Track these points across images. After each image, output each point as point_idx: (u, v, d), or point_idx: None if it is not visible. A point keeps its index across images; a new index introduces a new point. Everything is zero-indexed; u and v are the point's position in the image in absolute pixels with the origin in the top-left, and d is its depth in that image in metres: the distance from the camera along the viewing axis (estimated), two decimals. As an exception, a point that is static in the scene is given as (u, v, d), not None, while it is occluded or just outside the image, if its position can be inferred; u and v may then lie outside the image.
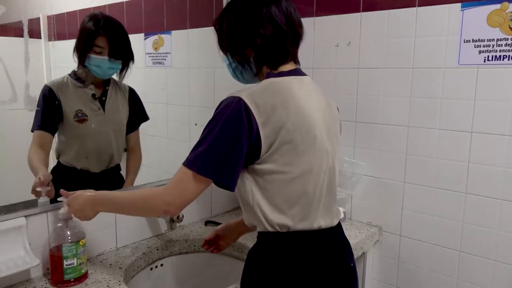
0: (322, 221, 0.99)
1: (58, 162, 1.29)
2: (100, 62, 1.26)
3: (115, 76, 1.36)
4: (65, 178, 1.27)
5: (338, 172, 1.06)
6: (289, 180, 0.93)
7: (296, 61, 1.05)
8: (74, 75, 1.27)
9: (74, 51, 1.27)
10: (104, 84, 1.34)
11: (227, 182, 0.91)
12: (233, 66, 1.05)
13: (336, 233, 1.03)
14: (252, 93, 0.91)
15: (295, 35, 1.02)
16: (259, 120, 0.89)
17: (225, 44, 1.03)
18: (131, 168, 1.47)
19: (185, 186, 0.91)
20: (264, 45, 0.98)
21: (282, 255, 0.96)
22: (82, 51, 1.26)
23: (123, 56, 1.32)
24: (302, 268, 0.95)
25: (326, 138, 0.98)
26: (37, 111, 1.20)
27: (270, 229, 0.96)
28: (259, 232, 1.00)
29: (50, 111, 1.22)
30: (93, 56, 1.25)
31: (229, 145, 0.88)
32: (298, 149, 0.92)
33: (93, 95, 1.30)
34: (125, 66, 1.35)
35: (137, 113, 1.44)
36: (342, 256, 1.01)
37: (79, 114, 1.26)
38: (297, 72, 1.02)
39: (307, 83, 1.02)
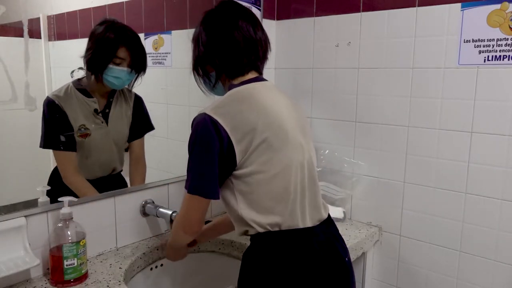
0: (311, 215, 1.02)
1: (56, 170, 1.26)
2: (119, 73, 1.24)
3: None
4: (64, 186, 1.25)
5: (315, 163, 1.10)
6: (270, 178, 0.96)
7: (258, 71, 1.10)
8: (78, 84, 1.23)
9: (88, 60, 1.22)
10: (108, 96, 1.31)
11: (212, 195, 0.98)
12: (197, 81, 1.13)
13: (328, 228, 1.06)
14: (216, 106, 0.97)
15: (254, 51, 1.06)
16: (227, 127, 0.93)
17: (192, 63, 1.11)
18: (137, 177, 1.43)
19: (187, 208, 1.03)
20: (222, 63, 1.05)
21: (275, 255, 0.97)
22: (101, 62, 1.22)
23: (142, 67, 1.31)
24: (296, 266, 0.96)
25: (299, 132, 1.03)
26: (47, 127, 1.17)
27: (261, 230, 0.98)
28: (251, 235, 1.01)
29: (63, 126, 1.20)
30: (113, 67, 1.23)
31: (206, 162, 0.95)
32: (273, 146, 0.96)
33: (96, 110, 1.26)
34: (138, 76, 1.33)
35: (141, 122, 1.41)
36: (336, 252, 1.03)
37: (82, 129, 1.23)
38: (258, 79, 1.07)
39: (269, 86, 1.07)
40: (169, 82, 1.60)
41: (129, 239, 1.37)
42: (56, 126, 1.19)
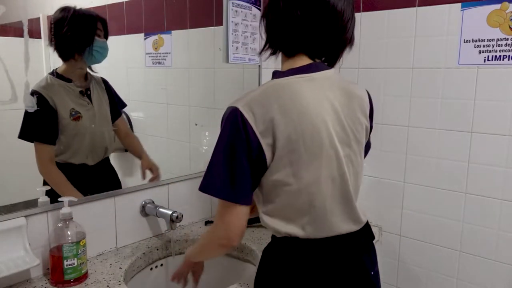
0: (338, 229, 0.93)
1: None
2: (103, 44, 1.29)
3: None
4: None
5: (358, 175, 0.97)
6: (295, 192, 0.88)
7: (315, 56, 0.93)
8: (55, 73, 1.24)
9: (68, 41, 1.23)
10: (85, 79, 1.33)
11: (244, 201, 0.88)
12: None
13: (358, 238, 0.96)
14: (249, 101, 0.86)
15: (313, 24, 0.89)
16: (257, 130, 0.84)
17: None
18: (137, 148, 1.48)
19: (221, 215, 0.91)
20: (269, 30, 0.94)
21: (294, 259, 0.92)
22: (86, 36, 1.25)
23: (107, 37, 1.34)
24: (314, 275, 0.90)
25: (339, 143, 0.90)
26: (30, 117, 1.16)
27: (279, 235, 0.94)
28: (272, 235, 0.97)
29: (48, 121, 1.21)
30: (98, 39, 1.27)
31: (236, 163, 0.86)
32: (302, 159, 0.86)
33: (81, 92, 1.29)
34: None
35: (115, 101, 1.43)
36: (361, 264, 0.95)
37: (73, 113, 1.26)
38: (310, 69, 0.91)
39: (320, 81, 0.91)
40: (169, 82, 1.59)
41: (129, 239, 1.37)
42: (38, 118, 1.18)
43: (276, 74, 0.93)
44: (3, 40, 1.12)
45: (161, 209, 1.35)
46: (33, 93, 1.16)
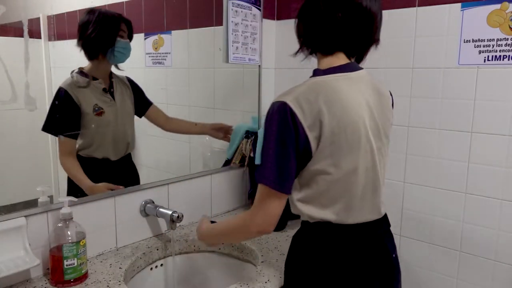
0: (366, 216, 1.01)
1: (78, 156, 1.33)
2: (126, 45, 1.36)
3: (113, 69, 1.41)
4: (85, 169, 1.32)
5: (385, 166, 1.06)
6: (333, 180, 0.95)
7: (350, 55, 1.02)
8: (81, 73, 1.31)
9: (93, 41, 1.30)
10: (109, 77, 1.39)
11: (288, 191, 0.95)
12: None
13: (381, 225, 1.05)
14: (297, 96, 0.92)
15: (352, 25, 0.96)
16: (305, 123, 0.90)
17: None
18: (186, 124, 1.61)
19: (264, 202, 0.95)
20: (306, 31, 1.00)
21: (327, 243, 0.99)
22: (109, 36, 1.32)
23: (132, 38, 1.41)
24: (344, 257, 0.98)
25: (372, 136, 0.98)
26: (54, 112, 1.22)
27: (311, 221, 0.99)
28: (302, 220, 1.03)
29: (70, 117, 1.28)
30: (120, 40, 1.33)
31: (283, 153, 0.91)
32: (343, 150, 0.93)
33: (104, 89, 1.36)
34: None
35: (142, 97, 1.50)
36: (385, 248, 1.04)
37: (96, 108, 1.32)
38: (348, 68, 0.99)
39: (356, 80, 0.99)
40: (169, 82, 1.60)
41: (129, 239, 1.37)
42: (62, 114, 1.24)
43: (317, 72, 1.00)
44: (3, 40, 1.12)
45: (161, 209, 1.35)
46: (60, 90, 1.23)
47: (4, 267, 1.03)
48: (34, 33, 1.15)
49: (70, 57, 1.29)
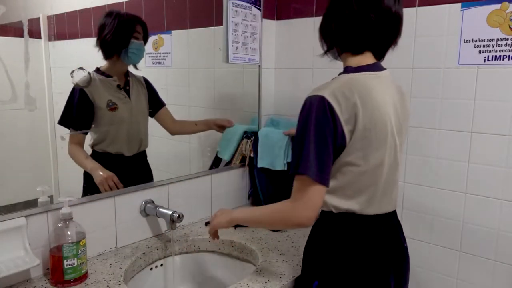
0: (385, 208, 1.05)
1: (93, 151, 1.37)
2: (140, 47, 1.41)
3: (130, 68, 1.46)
4: (101, 163, 1.35)
5: (402, 162, 1.11)
6: (361, 173, 0.98)
7: (377, 55, 1.06)
8: (98, 70, 1.36)
9: (110, 41, 1.35)
10: (125, 75, 1.44)
11: (327, 183, 0.96)
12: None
13: (395, 217, 1.12)
14: (334, 90, 0.95)
15: (382, 27, 1.00)
16: (342, 117, 0.93)
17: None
18: (189, 125, 1.64)
19: (305, 194, 0.96)
20: (337, 30, 1.02)
21: (350, 232, 1.02)
22: (124, 38, 1.37)
23: (147, 41, 1.47)
24: (366, 245, 1.02)
25: (396, 134, 1.03)
26: (69, 107, 1.28)
27: (336, 211, 1.02)
28: (323, 210, 1.05)
29: (84, 112, 1.32)
30: (135, 41, 1.38)
31: (323, 145, 0.94)
32: (372, 145, 0.97)
33: (118, 86, 1.40)
34: None
35: (157, 95, 1.54)
36: (398, 238, 1.10)
37: (110, 104, 1.37)
38: (376, 67, 1.04)
39: (383, 79, 1.04)
40: (169, 82, 1.60)
41: (129, 239, 1.37)
42: (76, 109, 1.29)
43: (348, 69, 1.03)
44: (3, 40, 1.12)
45: (161, 209, 1.35)
46: (76, 86, 1.28)
47: (4, 267, 1.03)
48: (34, 33, 1.15)
49: (70, 57, 1.29)
